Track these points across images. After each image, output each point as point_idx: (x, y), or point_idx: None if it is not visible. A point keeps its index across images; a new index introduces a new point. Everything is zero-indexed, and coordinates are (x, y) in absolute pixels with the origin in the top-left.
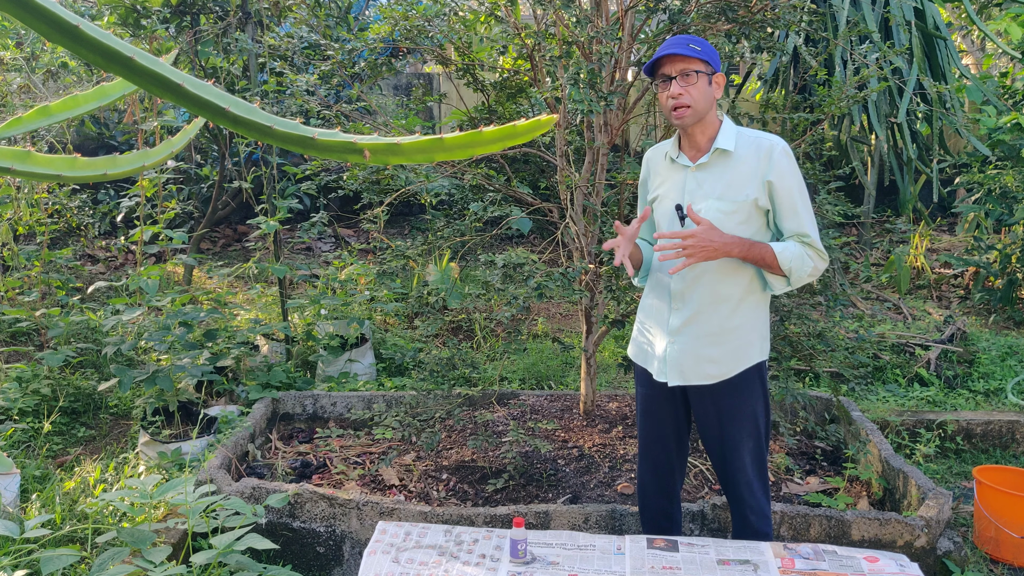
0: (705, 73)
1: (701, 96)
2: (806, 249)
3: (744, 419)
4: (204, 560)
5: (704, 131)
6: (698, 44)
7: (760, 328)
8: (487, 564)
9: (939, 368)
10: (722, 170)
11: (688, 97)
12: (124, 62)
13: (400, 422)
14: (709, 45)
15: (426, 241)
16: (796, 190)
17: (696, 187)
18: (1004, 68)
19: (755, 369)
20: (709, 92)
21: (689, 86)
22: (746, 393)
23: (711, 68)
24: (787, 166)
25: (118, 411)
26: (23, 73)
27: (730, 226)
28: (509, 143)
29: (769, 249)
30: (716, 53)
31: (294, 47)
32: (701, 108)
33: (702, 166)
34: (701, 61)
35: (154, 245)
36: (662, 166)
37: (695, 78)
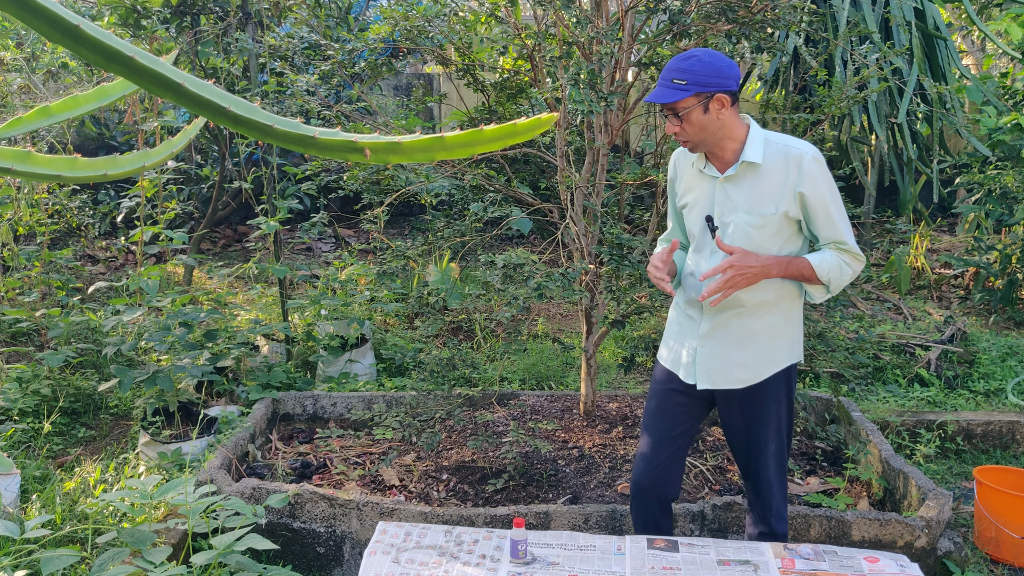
0: (698, 104)
1: (699, 127)
2: (843, 256)
3: (769, 421)
4: (204, 560)
5: (726, 146)
6: (684, 75)
7: (791, 333)
8: (487, 564)
9: (939, 368)
10: (751, 182)
11: (685, 133)
12: (125, 62)
13: (400, 422)
14: (702, 64)
15: (426, 241)
16: (829, 198)
17: (725, 199)
18: (1004, 68)
19: (783, 373)
20: (710, 118)
21: (684, 123)
22: (773, 396)
23: (705, 94)
24: (819, 175)
25: (118, 411)
26: (23, 73)
27: (760, 239)
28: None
29: (806, 263)
30: (713, 67)
31: (294, 47)
32: (704, 137)
33: (730, 178)
34: (690, 96)
35: (154, 245)
36: (690, 172)
37: (687, 115)
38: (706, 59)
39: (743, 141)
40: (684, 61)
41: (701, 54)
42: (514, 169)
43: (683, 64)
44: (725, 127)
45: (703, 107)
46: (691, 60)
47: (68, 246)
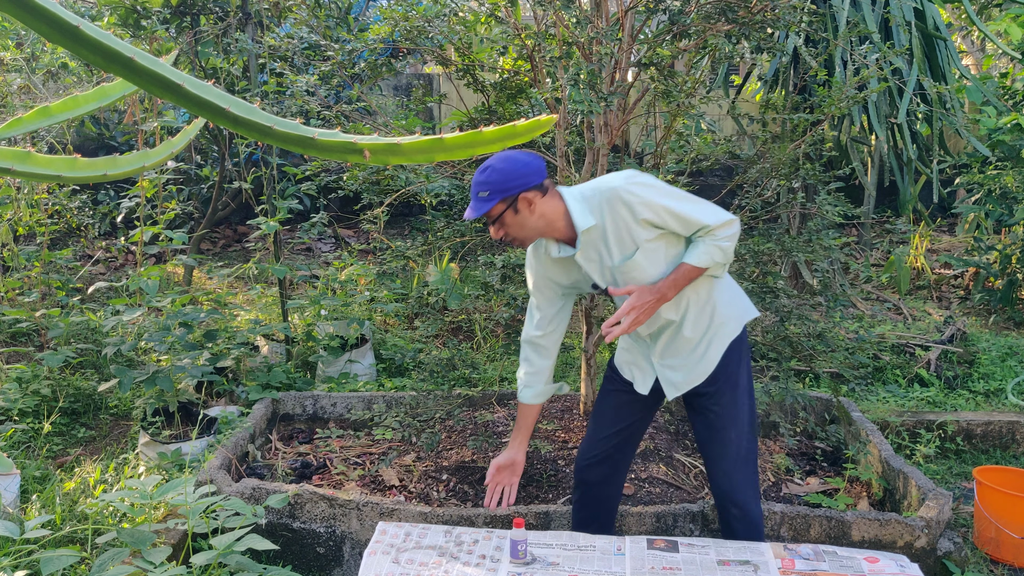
0: (507, 208)
1: (517, 228)
2: (709, 239)
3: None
4: (204, 561)
5: (557, 228)
6: (485, 187)
7: (725, 310)
8: (487, 565)
9: (939, 369)
10: (602, 238)
11: (508, 235)
12: (124, 62)
13: (400, 423)
14: (498, 172)
15: (426, 241)
16: (667, 205)
17: (596, 265)
18: (1004, 69)
19: (731, 353)
20: (523, 216)
21: (502, 228)
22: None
23: (509, 199)
24: (644, 194)
25: (118, 412)
26: (23, 74)
27: (651, 267)
28: (509, 143)
29: (686, 267)
30: (509, 173)
31: (294, 48)
32: (528, 233)
33: (583, 250)
34: (496, 204)
35: (154, 246)
36: (554, 263)
37: (501, 220)
38: (500, 166)
39: (568, 215)
40: (482, 174)
41: (495, 163)
42: None
43: (482, 177)
44: (545, 216)
45: (512, 210)
46: (488, 171)
47: (68, 246)
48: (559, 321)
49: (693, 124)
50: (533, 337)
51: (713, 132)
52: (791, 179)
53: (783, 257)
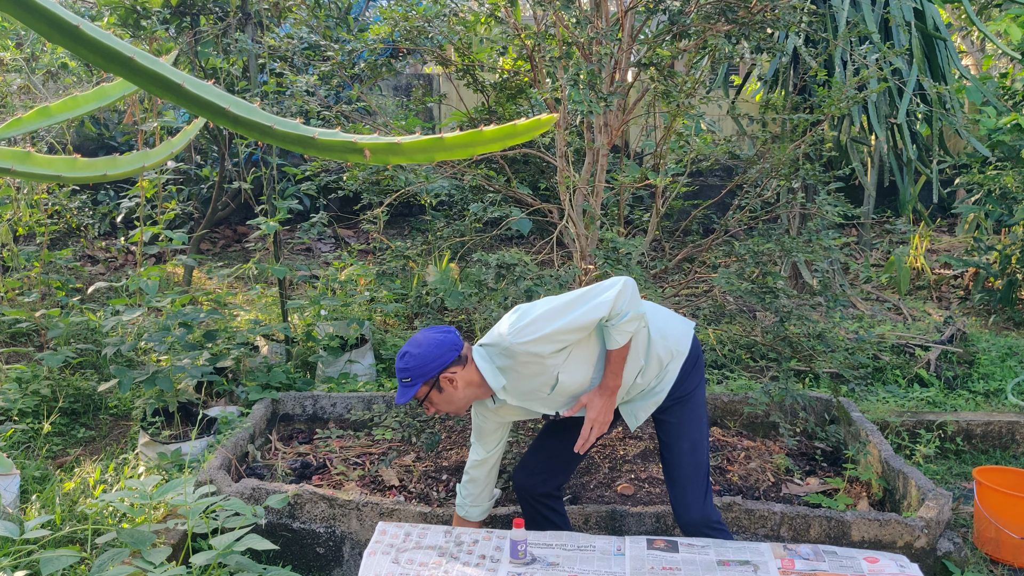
0: (431, 388)
1: (446, 402)
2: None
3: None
4: (204, 561)
5: (482, 393)
6: (406, 373)
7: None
8: (487, 565)
9: (939, 369)
10: (520, 384)
11: (439, 410)
12: (124, 62)
13: (400, 423)
14: (415, 358)
15: (426, 242)
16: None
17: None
18: (1004, 69)
19: (682, 375)
20: (448, 393)
21: (431, 406)
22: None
23: (431, 381)
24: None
25: (118, 412)
26: (23, 74)
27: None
28: (509, 143)
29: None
30: (425, 357)
31: (294, 48)
32: (458, 405)
33: (511, 396)
34: (421, 387)
35: (154, 246)
36: (494, 410)
37: (429, 399)
38: (416, 351)
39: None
40: (401, 360)
41: (411, 349)
42: (514, 169)
43: (402, 364)
44: (471, 384)
45: (436, 389)
46: (406, 358)
47: (68, 246)
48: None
49: (693, 124)
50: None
51: (713, 132)
52: (791, 179)
53: (783, 257)
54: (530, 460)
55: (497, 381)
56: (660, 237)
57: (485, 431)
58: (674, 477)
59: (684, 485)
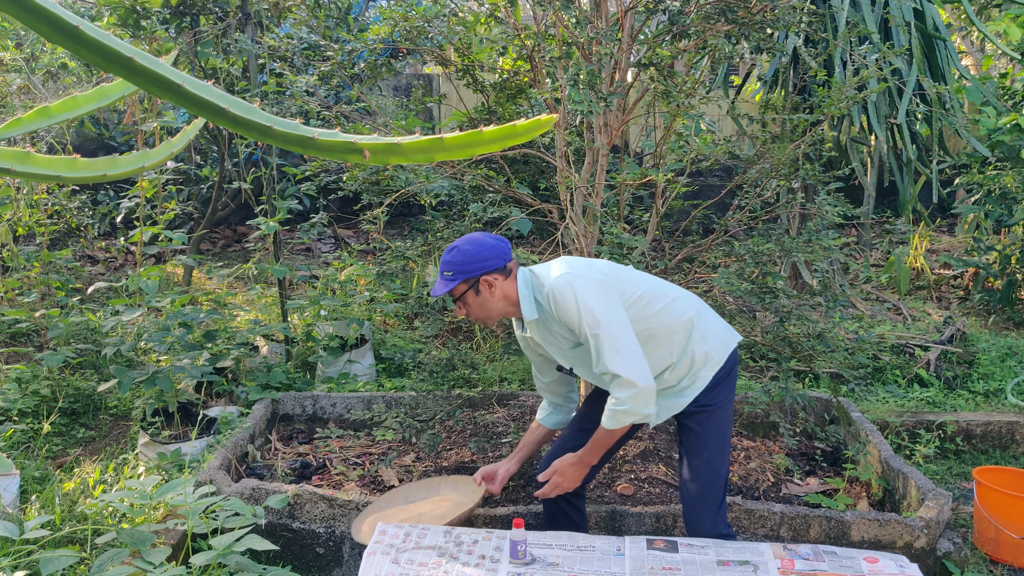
0: (469, 288)
1: (478, 308)
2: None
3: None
4: (204, 561)
5: (512, 312)
6: (450, 267)
7: (700, 351)
8: (487, 565)
9: (939, 369)
10: (547, 328)
11: (470, 314)
12: (124, 62)
13: (400, 423)
14: (463, 253)
15: (426, 242)
16: (586, 325)
17: (552, 346)
18: (1003, 69)
19: (713, 386)
20: (484, 297)
21: (464, 306)
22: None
23: (471, 281)
24: (568, 306)
25: (118, 412)
26: (23, 74)
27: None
28: (509, 143)
29: (602, 432)
30: (473, 255)
31: (294, 48)
32: (488, 313)
33: (532, 335)
34: (459, 283)
35: (154, 246)
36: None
37: (463, 299)
38: (466, 248)
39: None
40: (448, 254)
41: (462, 244)
42: (514, 169)
43: (448, 257)
44: (507, 298)
45: (474, 291)
46: (454, 252)
47: (67, 247)
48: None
49: (693, 124)
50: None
51: (713, 132)
52: (791, 179)
53: (783, 257)
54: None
55: (530, 311)
56: (660, 237)
57: (529, 356)
58: (689, 488)
59: (698, 496)
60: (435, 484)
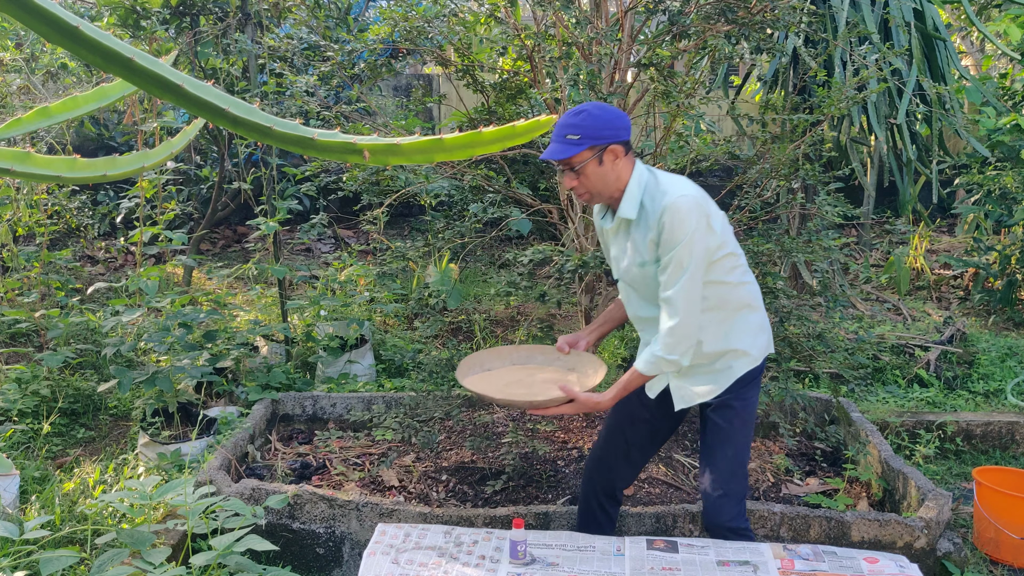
0: (593, 157)
1: (594, 181)
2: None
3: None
4: (204, 561)
5: (617, 197)
6: (577, 130)
7: (742, 342)
8: (487, 565)
9: (939, 369)
10: (631, 234)
11: (582, 187)
12: (124, 63)
13: (400, 423)
14: (593, 117)
15: (426, 242)
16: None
17: (620, 252)
18: (1003, 69)
19: (744, 381)
20: (604, 169)
21: (580, 177)
22: (731, 402)
23: (598, 147)
24: (681, 227)
25: (117, 412)
26: (23, 74)
27: (656, 286)
28: (509, 143)
29: (631, 373)
30: (604, 120)
31: (294, 48)
32: (600, 190)
33: (615, 231)
34: (584, 150)
35: (154, 246)
36: (602, 228)
37: (582, 169)
38: (596, 112)
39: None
40: (575, 116)
41: (591, 108)
42: (513, 170)
43: (575, 119)
44: (620, 178)
45: (597, 159)
46: (582, 115)
47: (67, 247)
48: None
49: (693, 124)
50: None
51: (713, 132)
52: (791, 180)
53: (783, 258)
54: (604, 454)
55: (631, 209)
56: None
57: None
58: (713, 481)
59: (723, 490)
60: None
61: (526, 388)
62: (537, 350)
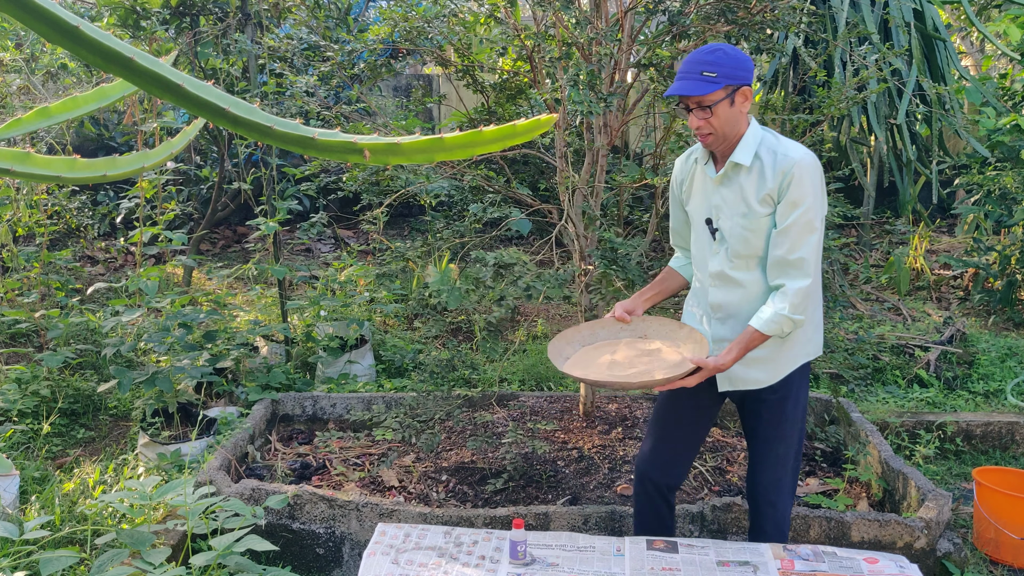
0: (726, 97)
1: (724, 121)
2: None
3: (783, 420)
4: (204, 561)
5: (730, 144)
6: (713, 68)
7: (804, 332)
8: (487, 566)
9: (939, 369)
10: (741, 184)
11: (710, 126)
12: (124, 63)
13: (400, 423)
14: (727, 57)
15: (426, 242)
16: (803, 217)
17: (721, 202)
18: (1003, 70)
19: (799, 371)
20: (733, 112)
21: (709, 117)
22: (786, 393)
23: (732, 87)
24: (805, 182)
25: (117, 412)
26: (23, 74)
27: (757, 242)
28: (509, 143)
29: (751, 333)
30: (739, 60)
31: (294, 48)
32: (727, 132)
33: (721, 178)
34: (720, 89)
35: (153, 246)
36: (694, 172)
37: (711, 111)
38: (731, 52)
39: (739, 140)
40: (711, 54)
41: (726, 47)
42: (513, 170)
43: (711, 57)
44: (742, 123)
45: (730, 100)
46: (718, 53)
47: (67, 247)
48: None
49: None
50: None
51: None
52: None
53: None
54: (657, 448)
55: (746, 156)
56: (660, 238)
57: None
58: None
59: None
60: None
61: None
62: (598, 325)
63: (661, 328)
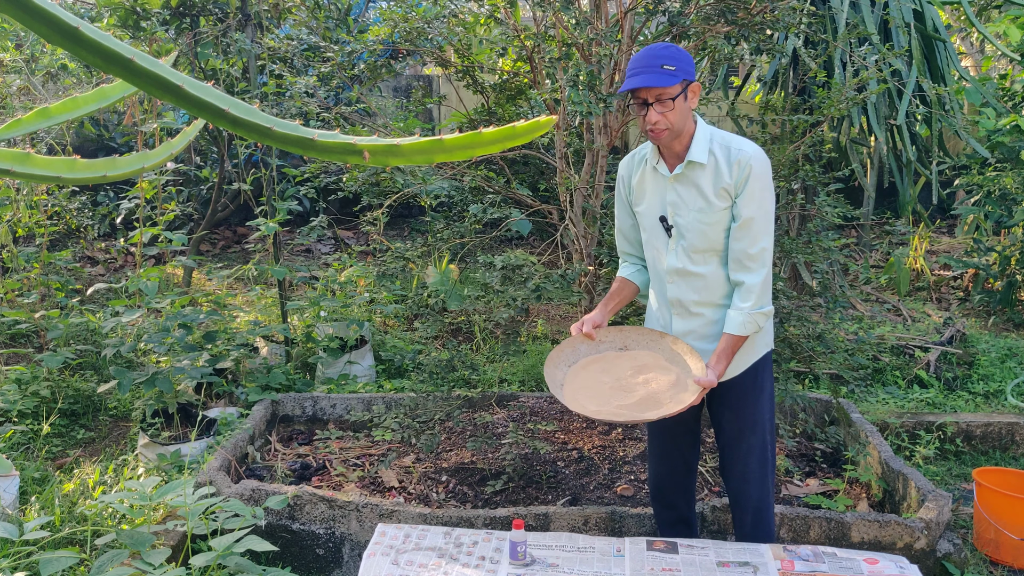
0: (682, 91)
1: (679, 116)
2: (746, 309)
3: (751, 411)
4: (203, 562)
5: (681, 140)
6: (672, 61)
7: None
8: (486, 566)
9: (939, 370)
10: (697, 180)
11: (666, 121)
12: (124, 64)
13: (399, 424)
14: (681, 53)
15: (426, 243)
16: (762, 208)
17: (677, 198)
18: (1003, 70)
19: (762, 361)
20: (686, 107)
21: (667, 111)
22: (752, 385)
23: (687, 82)
24: (763, 180)
25: (117, 413)
26: (23, 75)
27: (715, 235)
28: (509, 144)
29: (731, 339)
30: (690, 58)
31: (293, 49)
32: (680, 126)
33: (678, 176)
34: (678, 83)
35: (153, 247)
36: (643, 172)
37: (671, 103)
38: (681, 49)
39: (692, 137)
40: (667, 49)
41: (673, 45)
42: (513, 170)
43: (668, 52)
44: (690, 119)
45: (684, 95)
46: (672, 49)
47: (67, 248)
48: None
49: None
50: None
51: None
52: (790, 180)
53: (782, 258)
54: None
55: (702, 153)
56: None
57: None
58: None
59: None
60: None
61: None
62: (577, 341)
63: (640, 338)
